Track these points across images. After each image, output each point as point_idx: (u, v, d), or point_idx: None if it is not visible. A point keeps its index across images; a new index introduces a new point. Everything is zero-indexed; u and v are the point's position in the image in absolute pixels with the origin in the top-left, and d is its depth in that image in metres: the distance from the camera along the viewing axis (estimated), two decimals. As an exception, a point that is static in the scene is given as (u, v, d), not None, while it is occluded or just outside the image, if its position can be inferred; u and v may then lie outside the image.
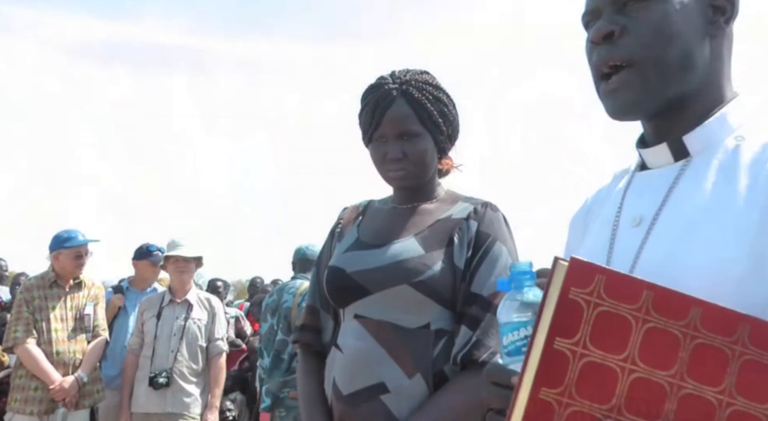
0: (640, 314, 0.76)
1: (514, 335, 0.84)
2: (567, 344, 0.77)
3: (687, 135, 0.97)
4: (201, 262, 4.55)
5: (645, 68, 0.94)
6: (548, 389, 0.76)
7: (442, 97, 1.70)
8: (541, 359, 0.76)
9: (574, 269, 0.78)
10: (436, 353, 1.57)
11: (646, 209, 0.97)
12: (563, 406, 0.76)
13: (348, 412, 1.57)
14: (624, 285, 0.78)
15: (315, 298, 1.79)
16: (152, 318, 4.32)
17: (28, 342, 3.95)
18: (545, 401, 0.76)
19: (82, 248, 4.20)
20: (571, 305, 0.77)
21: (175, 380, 4.22)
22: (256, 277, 8.17)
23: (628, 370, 0.76)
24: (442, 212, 1.69)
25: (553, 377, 0.76)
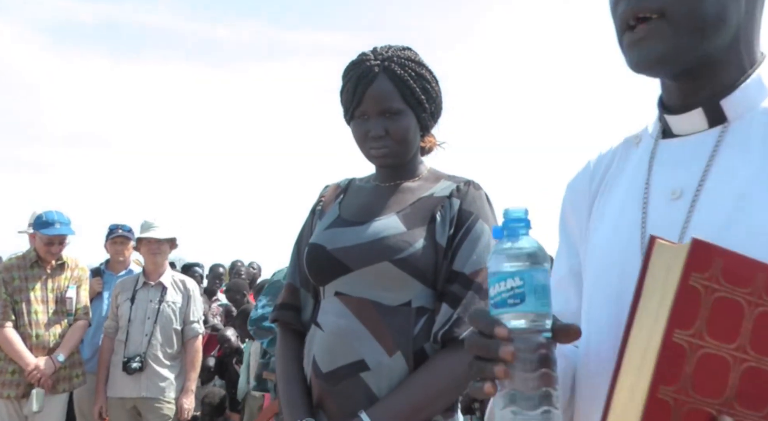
0: (752, 298, 0.71)
1: (501, 285, 0.77)
2: (685, 335, 0.70)
3: (725, 99, 0.91)
4: (175, 243, 4.51)
5: (677, 20, 0.87)
6: (667, 388, 0.70)
7: (424, 74, 1.68)
8: (660, 355, 0.70)
9: (697, 253, 0.71)
10: (416, 331, 1.56)
11: (684, 181, 0.90)
12: (680, 404, 0.70)
13: (327, 389, 1.57)
14: (740, 267, 0.72)
15: (295, 276, 1.77)
16: (126, 301, 4.29)
17: (5, 325, 3.90)
18: (664, 401, 0.70)
19: (54, 238, 4.13)
20: (691, 292, 0.71)
21: (150, 365, 4.19)
22: (236, 260, 8.10)
23: (740, 359, 0.71)
24: (424, 190, 1.68)
25: (671, 374, 0.70)
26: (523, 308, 0.76)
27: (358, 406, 1.52)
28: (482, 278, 1.57)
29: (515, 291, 0.77)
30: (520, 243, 0.79)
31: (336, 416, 1.56)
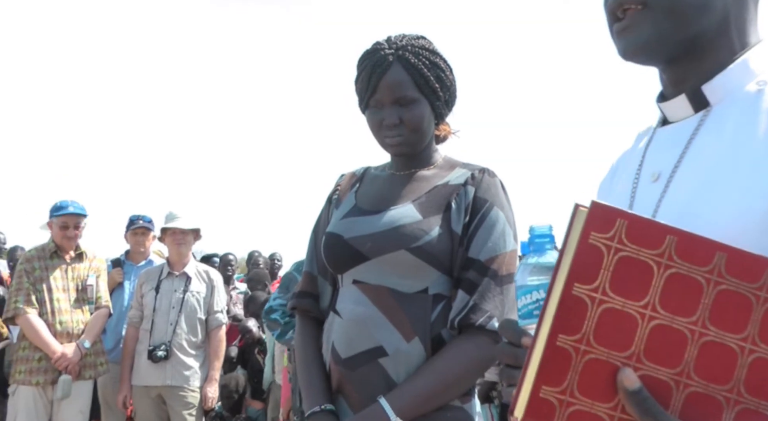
0: (662, 259, 0.74)
1: (527, 298, 0.83)
2: (586, 290, 0.74)
3: (707, 84, 0.93)
4: (199, 234, 4.56)
5: (657, 8, 0.90)
6: (566, 336, 0.74)
7: (438, 63, 1.68)
8: (559, 306, 0.74)
9: (595, 213, 0.75)
10: (433, 318, 1.58)
11: (664, 164, 0.94)
12: (581, 353, 0.74)
13: (346, 375, 1.59)
14: (646, 230, 0.75)
15: (312, 265, 1.80)
16: (151, 291, 4.34)
17: (28, 313, 3.97)
18: (562, 348, 0.74)
19: (68, 219, 4.19)
20: (591, 250, 0.74)
21: (175, 353, 4.25)
22: (254, 250, 8.13)
23: (648, 316, 0.74)
24: (439, 178, 1.69)
25: (570, 324, 0.74)
26: None
27: (377, 391, 1.54)
28: (497, 264, 1.58)
29: (540, 303, 0.81)
30: (545, 258, 0.84)
31: (355, 402, 1.58)
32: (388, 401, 1.52)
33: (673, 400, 0.74)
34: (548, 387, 0.74)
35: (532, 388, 0.74)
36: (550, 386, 0.74)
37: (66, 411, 4.03)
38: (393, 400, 1.52)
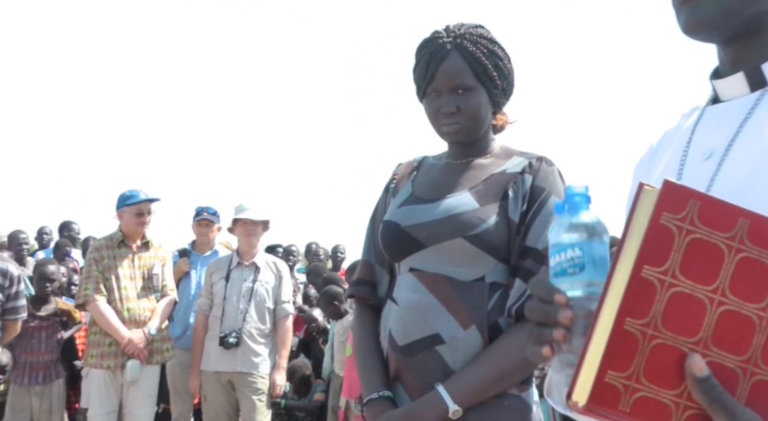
0: (733, 242, 0.72)
1: (561, 256, 0.81)
2: (655, 272, 0.72)
3: (766, 63, 0.91)
4: (268, 225, 4.63)
5: None
6: (633, 320, 0.72)
7: (497, 51, 1.68)
8: (627, 288, 0.72)
9: (668, 193, 0.73)
10: (490, 306, 1.58)
11: (717, 142, 0.92)
12: (648, 338, 0.72)
13: (404, 362, 1.60)
14: (719, 211, 0.72)
15: (370, 253, 1.81)
16: (221, 280, 4.44)
17: (98, 299, 4.11)
18: (629, 332, 0.72)
19: (143, 206, 4.30)
20: (661, 231, 0.72)
21: (245, 341, 4.34)
22: (312, 242, 8.22)
23: (717, 301, 0.72)
24: (496, 166, 1.68)
25: (638, 307, 0.72)
26: (581, 277, 0.79)
27: (434, 379, 1.55)
28: None
29: (574, 261, 0.80)
30: (580, 216, 0.82)
31: (412, 389, 1.59)
32: (446, 389, 1.53)
33: (739, 388, 0.71)
34: (614, 372, 0.71)
35: (597, 372, 0.71)
36: (616, 370, 0.71)
37: (135, 394, 4.18)
38: (451, 387, 1.53)
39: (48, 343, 4.66)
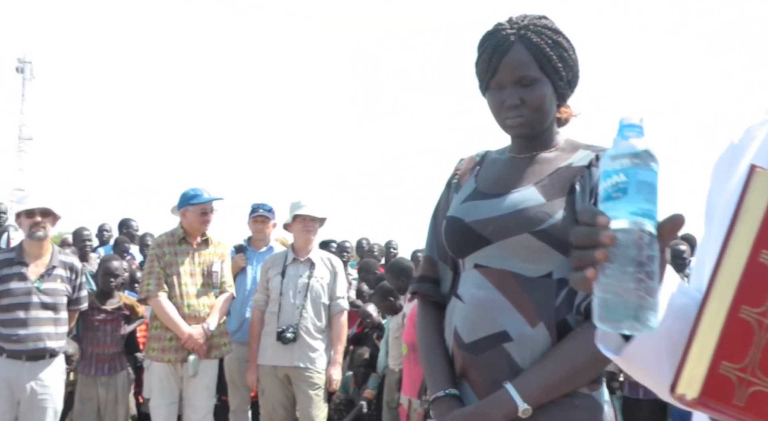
0: None
1: (607, 181, 0.82)
2: None
3: None
4: (324, 222, 4.67)
5: None
6: (749, 308, 0.67)
7: (561, 42, 1.64)
8: (743, 274, 0.68)
9: None
10: (558, 303, 1.55)
11: None
12: (764, 327, 0.67)
13: (470, 359, 1.58)
14: None
15: (432, 249, 1.79)
16: (277, 276, 4.49)
17: (160, 295, 4.21)
18: (745, 321, 0.67)
19: (206, 205, 4.38)
20: None
21: (302, 336, 4.39)
22: (362, 238, 8.26)
23: None
24: (562, 160, 1.65)
25: (755, 295, 0.67)
26: (625, 200, 0.79)
27: (502, 376, 1.53)
28: None
29: (619, 186, 0.80)
30: (629, 144, 0.83)
31: (479, 387, 1.57)
32: (514, 387, 1.50)
33: None
34: (729, 363, 0.67)
35: (710, 362, 0.68)
36: (731, 362, 0.67)
37: (194, 387, 4.27)
38: (520, 385, 1.50)
39: (113, 336, 4.80)
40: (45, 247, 4.04)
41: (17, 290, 3.88)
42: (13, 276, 3.89)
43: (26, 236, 3.99)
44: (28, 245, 3.99)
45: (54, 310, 3.97)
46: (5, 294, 3.86)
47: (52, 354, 3.96)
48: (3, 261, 3.94)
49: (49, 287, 3.98)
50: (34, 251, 3.99)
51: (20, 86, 37.67)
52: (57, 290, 4.01)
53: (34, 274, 3.95)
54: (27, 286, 3.90)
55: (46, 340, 3.91)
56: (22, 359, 3.86)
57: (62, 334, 4.06)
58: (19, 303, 3.87)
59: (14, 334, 3.83)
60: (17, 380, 3.85)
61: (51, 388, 3.97)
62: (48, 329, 3.93)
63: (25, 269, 3.93)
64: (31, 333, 3.86)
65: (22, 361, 3.86)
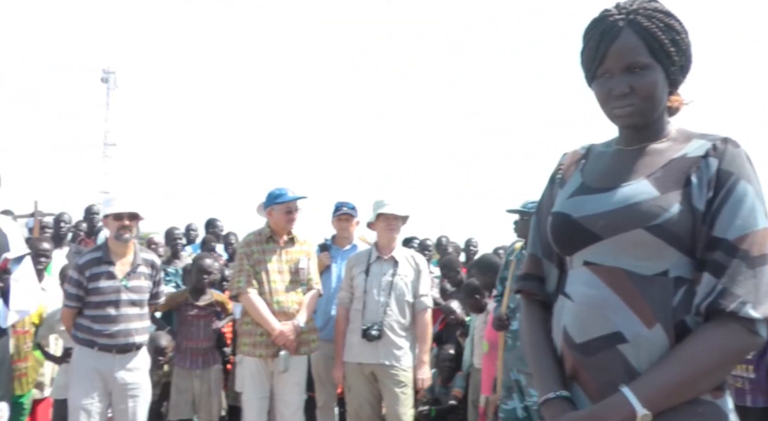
0: None
1: None
2: None
3: None
4: (407, 220, 4.67)
5: None
6: None
7: (673, 25, 1.56)
8: None
9: None
10: (676, 303, 1.46)
11: None
12: None
13: (582, 361, 1.52)
14: None
15: (536, 246, 1.74)
16: (361, 274, 4.53)
17: (250, 292, 4.31)
18: None
19: (291, 204, 4.46)
20: None
21: (386, 333, 4.41)
22: (442, 236, 8.24)
23: None
24: (675, 151, 1.56)
25: None
26: None
27: (617, 379, 1.46)
28: (748, 244, 1.42)
29: None
30: None
31: (592, 389, 1.51)
32: (632, 391, 1.42)
33: None
34: None
35: None
36: None
37: (285, 382, 4.35)
38: (638, 390, 1.42)
39: (206, 331, 4.97)
40: (129, 246, 4.20)
41: (107, 289, 4.06)
42: (101, 275, 4.07)
43: (113, 237, 4.15)
44: (113, 244, 4.16)
45: (140, 306, 4.16)
46: (95, 292, 4.05)
47: (138, 347, 4.15)
48: (91, 260, 4.11)
49: (135, 284, 4.15)
50: (119, 250, 4.15)
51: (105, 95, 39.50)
52: (142, 287, 4.18)
53: (120, 272, 4.12)
54: (115, 284, 4.08)
55: (135, 335, 4.09)
56: (113, 352, 4.04)
57: (147, 327, 4.26)
58: (109, 301, 4.05)
59: (105, 330, 4.01)
60: (109, 371, 4.04)
61: (140, 377, 4.16)
62: (136, 324, 4.10)
63: (112, 268, 4.10)
64: (122, 329, 4.04)
65: (113, 353, 4.04)
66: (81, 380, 4.01)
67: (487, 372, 4.59)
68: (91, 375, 4.01)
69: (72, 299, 4.07)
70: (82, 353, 4.06)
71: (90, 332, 4.03)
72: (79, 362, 4.06)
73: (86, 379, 4.00)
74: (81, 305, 4.06)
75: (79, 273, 4.05)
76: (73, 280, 4.07)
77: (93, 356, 4.02)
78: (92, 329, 4.01)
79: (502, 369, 4.22)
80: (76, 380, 4.04)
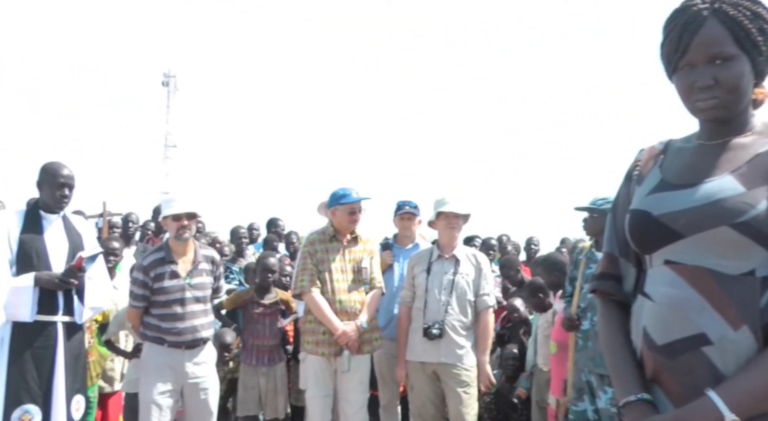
0: None
1: None
2: None
3: None
4: (468, 218, 4.64)
5: None
6: None
7: (761, 13, 1.50)
8: None
9: None
10: (764, 304, 1.41)
11: None
12: None
13: (664, 363, 1.47)
14: None
15: (613, 245, 1.69)
16: (422, 272, 4.51)
17: (313, 291, 4.34)
18: None
19: (355, 205, 4.47)
20: None
21: (448, 332, 4.38)
22: (502, 234, 8.18)
23: None
24: (760, 145, 1.50)
25: None
26: None
27: (702, 383, 1.41)
28: None
29: None
30: None
31: (675, 393, 1.47)
32: (719, 395, 1.37)
33: None
34: None
35: None
36: None
37: (348, 381, 4.37)
38: (725, 394, 1.37)
39: (271, 329, 5.04)
40: (189, 244, 4.29)
41: (171, 288, 4.16)
42: (165, 274, 4.17)
43: (173, 237, 4.24)
44: (174, 244, 4.25)
45: (203, 302, 4.26)
46: (160, 291, 4.15)
47: (204, 341, 4.26)
48: (155, 261, 4.21)
49: (198, 281, 4.24)
50: (180, 249, 4.25)
51: (165, 98, 40.60)
52: (204, 284, 4.27)
53: (183, 271, 4.22)
54: (180, 283, 4.18)
55: (201, 330, 4.19)
56: (182, 348, 4.15)
57: (211, 322, 4.37)
58: (175, 299, 4.15)
59: (173, 327, 4.12)
60: (179, 366, 4.14)
61: (208, 371, 4.27)
62: (201, 320, 4.20)
63: (175, 267, 4.20)
64: (189, 326, 4.14)
65: (182, 349, 4.15)
66: (152, 376, 4.12)
67: (556, 373, 4.52)
68: (162, 370, 4.11)
69: (138, 300, 4.19)
70: (151, 350, 4.18)
71: (159, 330, 4.14)
72: (149, 358, 4.18)
73: (157, 374, 4.11)
74: (147, 304, 4.18)
75: (144, 274, 4.16)
76: (138, 281, 4.19)
77: (163, 353, 4.12)
78: (160, 327, 4.12)
79: (573, 370, 4.15)
80: (147, 375, 4.15)
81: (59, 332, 3.69)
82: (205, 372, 4.22)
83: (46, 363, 3.64)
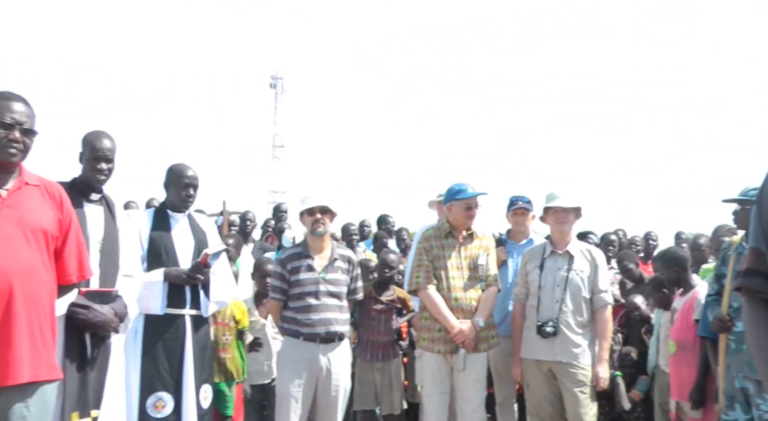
0: None
1: None
2: None
3: None
4: (580, 213, 4.54)
5: None
6: None
7: None
8: None
9: None
10: None
11: None
12: None
13: None
14: None
15: (759, 239, 1.62)
16: (535, 269, 4.45)
17: (428, 288, 4.36)
18: None
19: (471, 200, 4.45)
20: None
21: (562, 330, 4.31)
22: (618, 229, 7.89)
23: None
24: None
25: None
26: None
27: None
28: None
29: None
30: None
31: None
32: None
33: None
34: None
35: None
36: None
37: (465, 379, 4.36)
38: None
39: (386, 326, 5.10)
40: (326, 241, 4.41)
41: (306, 280, 4.29)
42: (301, 267, 4.32)
43: (309, 232, 4.38)
44: (311, 240, 4.39)
45: (338, 298, 4.34)
46: (296, 284, 4.30)
47: (340, 338, 4.33)
48: (292, 255, 4.38)
49: (333, 277, 4.34)
50: (316, 246, 4.37)
51: (273, 100, 41.83)
52: (339, 280, 4.36)
53: (319, 266, 4.34)
54: (315, 276, 4.30)
55: (335, 324, 4.27)
56: (317, 342, 4.25)
57: (346, 319, 4.42)
58: (309, 292, 4.28)
59: (307, 319, 4.23)
60: (315, 360, 4.25)
61: (342, 368, 4.35)
62: (335, 314, 4.29)
63: (311, 261, 4.33)
64: (322, 318, 4.24)
65: (317, 343, 4.25)
66: (289, 369, 4.26)
67: (676, 376, 4.33)
68: (298, 364, 4.24)
69: (277, 292, 4.36)
70: (288, 344, 4.33)
71: (295, 323, 4.27)
72: (286, 352, 4.33)
73: (293, 368, 4.25)
74: (285, 297, 4.32)
75: (282, 267, 4.35)
76: (276, 273, 4.40)
77: (299, 346, 4.25)
78: (296, 319, 4.26)
79: (725, 376, 3.90)
80: (284, 368, 4.30)
81: (187, 325, 3.88)
82: (338, 370, 4.29)
83: (176, 354, 3.83)
